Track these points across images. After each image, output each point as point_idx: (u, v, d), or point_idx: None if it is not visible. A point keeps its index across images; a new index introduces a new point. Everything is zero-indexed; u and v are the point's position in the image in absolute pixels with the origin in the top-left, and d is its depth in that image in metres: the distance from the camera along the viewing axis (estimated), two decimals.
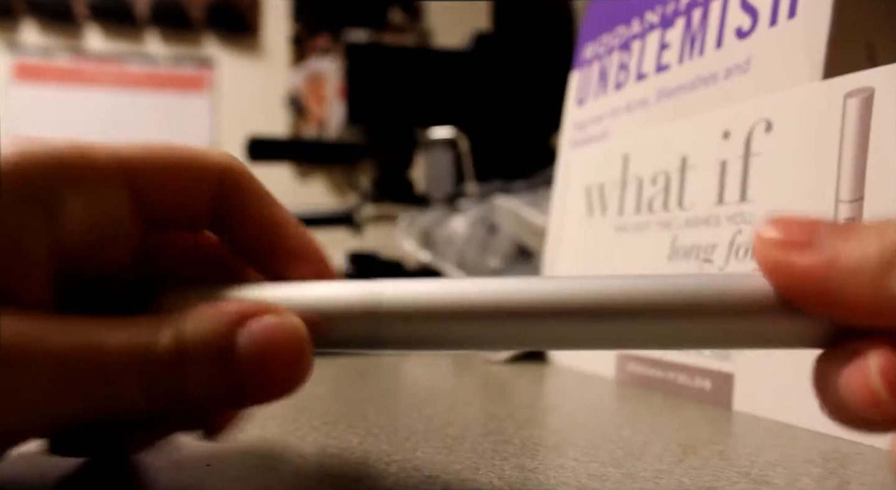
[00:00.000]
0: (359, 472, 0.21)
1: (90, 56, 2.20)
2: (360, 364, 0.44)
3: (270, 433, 0.26)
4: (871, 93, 0.26)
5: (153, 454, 0.23)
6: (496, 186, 0.72)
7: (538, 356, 0.46)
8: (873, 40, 0.30)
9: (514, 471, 0.22)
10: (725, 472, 0.22)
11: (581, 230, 0.43)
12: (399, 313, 0.17)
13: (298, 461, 0.22)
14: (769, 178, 0.30)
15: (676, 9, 0.39)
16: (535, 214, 0.58)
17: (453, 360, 0.46)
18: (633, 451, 0.24)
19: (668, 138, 0.36)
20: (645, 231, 0.37)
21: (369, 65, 0.89)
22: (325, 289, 0.18)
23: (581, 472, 0.22)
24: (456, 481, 0.20)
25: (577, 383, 0.38)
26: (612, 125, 0.43)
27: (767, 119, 0.31)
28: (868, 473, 0.22)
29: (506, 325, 0.17)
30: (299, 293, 0.18)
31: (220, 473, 0.21)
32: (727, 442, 0.25)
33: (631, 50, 0.42)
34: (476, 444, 0.25)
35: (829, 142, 0.27)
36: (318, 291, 0.18)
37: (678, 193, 0.35)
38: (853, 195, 0.26)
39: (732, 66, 0.34)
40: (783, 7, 0.32)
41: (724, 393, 0.31)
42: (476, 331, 0.17)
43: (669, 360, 0.34)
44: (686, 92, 0.37)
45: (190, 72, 2.25)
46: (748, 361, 0.30)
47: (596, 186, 0.42)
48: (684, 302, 0.16)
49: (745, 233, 0.31)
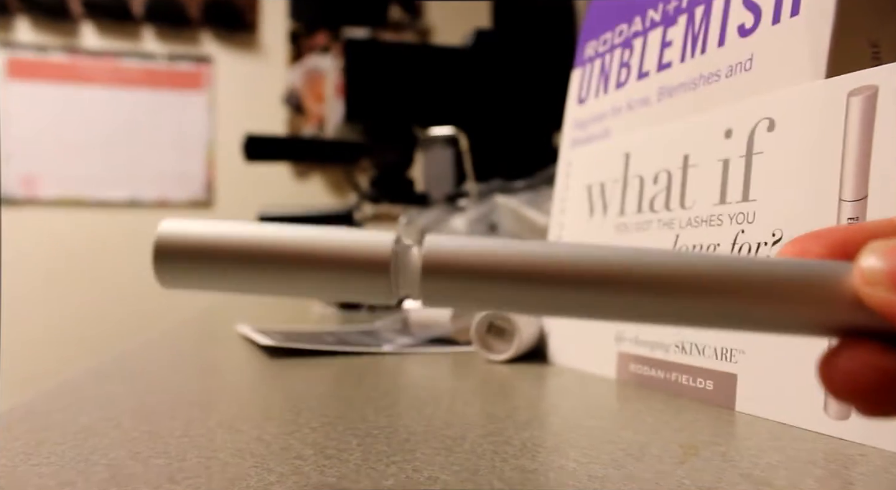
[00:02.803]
0: (357, 474, 0.21)
1: (85, 53, 2.19)
2: (359, 364, 0.43)
3: (268, 434, 0.26)
4: (875, 91, 0.26)
5: (149, 452, 0.22)
6: (496, 186, 0.72)
7: (539, 356, 0.45)
8: (878, 38, 0.29)
9: (514, 472, 0.21)
10: (727, 473, 0.22)
11: (582, 229, 0.43)
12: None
13: (296, 462, 0.22)
14: (772, 178, 0.30)
15: (679, 6, 0.38)
16: (536, 214, 0.58)
17: (453, 359, 0.46)
18: (634, 453, 0.24)
19: (670, 137, 0.36)
20: (646, 230, 0.37)
21: (368, 62, 0.88)
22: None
23: (581, 474, 0.21)
24: (455, 483, 0.20)
25: (578, 384, 0.37)
26: (613, 124, 0.43)
27: (770, 118, 0.30)
28: (871, 475, 0.21)
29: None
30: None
31: (217, 475, 0.21)
32: (729, 443, 0.25)
33: (633, 48, 0.42)
34: (476, 445, 0.24)
35: (833, 141, 0.27)
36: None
37: (680, 193, 0.35)
38: (856, 195, 0.26)
39: (735, 64, 0.34)
40: (786, 4, 0.31)
41: (726, 394, 0.31)
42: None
43: (672, 361, 0.34)
44: (688, 90, 0.37)
45: (187, 69, 2.25)
46: (751, 362, 0.30)
47: (597, 185, 0.42)
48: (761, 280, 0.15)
49: (747, 232, 0.31)
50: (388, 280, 0.16)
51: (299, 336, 0.54)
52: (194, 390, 0.34)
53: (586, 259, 0.15)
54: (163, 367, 0.42)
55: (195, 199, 2.24)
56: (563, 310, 0.16)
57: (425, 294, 0.16)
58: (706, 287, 0.15)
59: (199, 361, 0.47)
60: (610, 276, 0.15)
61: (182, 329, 0.65)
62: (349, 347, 0.49)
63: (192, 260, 0.16)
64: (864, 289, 0.14)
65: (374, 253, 0.15)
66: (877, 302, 0.14)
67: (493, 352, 0.45)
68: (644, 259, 0.15)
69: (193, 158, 2.25)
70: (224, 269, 0.16)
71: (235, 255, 0.16)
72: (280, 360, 0.44)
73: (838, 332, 0.15)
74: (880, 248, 0.15)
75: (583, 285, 0.15)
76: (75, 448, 0.23)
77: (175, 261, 0.16)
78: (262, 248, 0.16)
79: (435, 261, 0.15)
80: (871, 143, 0.26)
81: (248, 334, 0.54)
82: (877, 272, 0.14)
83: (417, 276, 0.15)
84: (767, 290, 0.15)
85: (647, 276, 0.15)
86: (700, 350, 0.32)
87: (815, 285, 0.15)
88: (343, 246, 0.16)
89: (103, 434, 0.25)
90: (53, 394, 0.32)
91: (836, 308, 0.15)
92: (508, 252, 0.15)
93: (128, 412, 0.29)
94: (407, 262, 0.16)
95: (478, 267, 0.15)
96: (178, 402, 0.31)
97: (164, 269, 0.16)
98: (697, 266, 0.15)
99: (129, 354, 0.47)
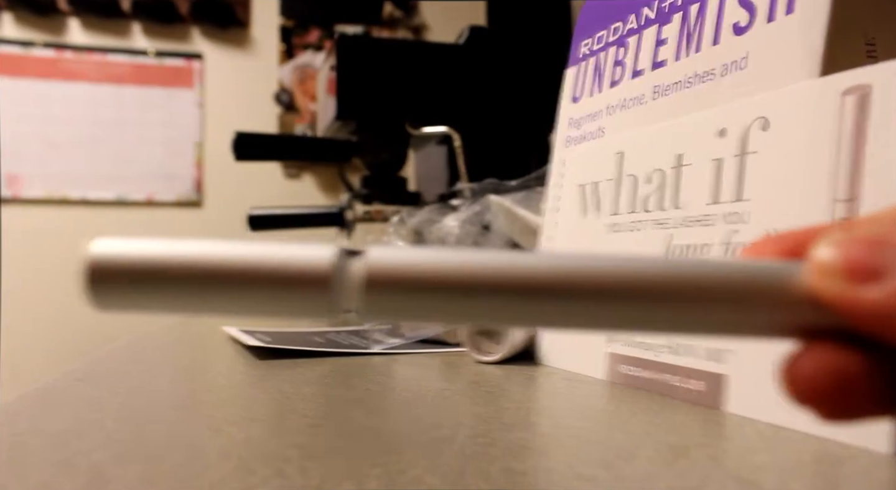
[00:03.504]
0: (341, 476, 0.21)
1: (72, 49, 2.16)
2: (348, 365, 0.43)
3: (253, 436, 0.25)
4: (869, 90, 0.26)
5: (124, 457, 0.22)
6: (490, 185, 0.71)
7: (528, 357, 0.45)
8: (874, 36, 0.29)
9: (500, 474, 0.21)
10: (715, 474, 0.21)
11: (575, 229, 0.43)
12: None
13: (279, 464, 0.22)
14: (765, 177, 0.30)
15: (674, 4, 0.38)
16: (529, 213, 0.58)
17: (443, 360, 0.46)
18: (623, 454, 0.23)
19: (664, 136, 0.36)
20: (639, 230, 0.37)
21: (360, 58, 0.88)
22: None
23: (569, 475, 0.21)
24: (441, 484, 0.20)
25: (568, 385, 0.37)
26: (607, 122, 0.42)
27: (764, 117, 0.30)
28: (857, 476, 0.21)
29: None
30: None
31: (200, 477, 0.20)
32: (718, 445, 0.25)
33: (627, 46, 0.42)
34: (463, 446, 0.24)
35: (827, 140, 0.27)
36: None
37: (673, 192, 0.35)
38: (850, 194, 0.26)
39: (729, 62, 0.33)
40: (781, 2, 0.31)
41: (716, 395, 0.30)
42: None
43: (662, 362, 0.34)
44: (682, 89, 0.36)
45: (177, 66, 2.23)
46: (742, 363, 0.30)
47: (590, 184, 0.41)
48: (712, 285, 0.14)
49: (740, 232, 0.30)
50: (329, 295, 0.15)
51: (287, 337, 0.53)
52: (179, 392, 0.34)
53: (531, 268, 0.15)
54: (148, 369, 0.42)
55: (184, 199, 2.22)
56: (511, 320, 0.15)
57: (369, 309, 0.15)
58: (654, 293, 0.15)
59: (186, 363, 0.46)
60: (556, 285, 0.15)
61: (169, 330, 0.64)
62: (337, 348, 0.49)
63: (126, 281, 0.15)
64: (819, 282, 0.14)
65: (313, 267, 0.15)
66: (832, 295, 0.14)
67: (483, 353, 0.45)
68: (591, 266, 0.15)
69: (183, 157, 2.23)
70: (159, 290, 0.15)
71: (170, 275, 0.15)
72: (267, 361, 0.44)
73: (797, 334, 0.14)
74: (835, 239, 0.14)
75: (528, 295, 0.15)
76: (57, 450, 0.23)
77: (107, 283, 0.15)
78: (196, 267, 0.15)
79: (379, 274, 0.15)
80: (865, 142, 0.26)
81: (236, 335, 0.53)
82: (831, 263, 0.14)
83: (360, 290, 0.15)
84: (719, 293, 0.14)
85: (593, 283, 0.15)
86: (690, 351, 0.32)
87: (769, 285, 0.14)
88: (280, 261, 0.15)
89: (86, 436, 0.25)
90: (36, 395, 0.32)
91: (792, 308, 0.14)
92: (454, 263, 0.15)
93: (111, 414, 0.28)
94: (349, 275, 0.15)
95: (423, 279, 0.15)
96: (162, 403, 0.31)
97: (96, 292, 0.15)
98: (644, 272, 0.15)
99: (115, 356, 0.46)
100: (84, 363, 0.41)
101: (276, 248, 0.15)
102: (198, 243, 0.15)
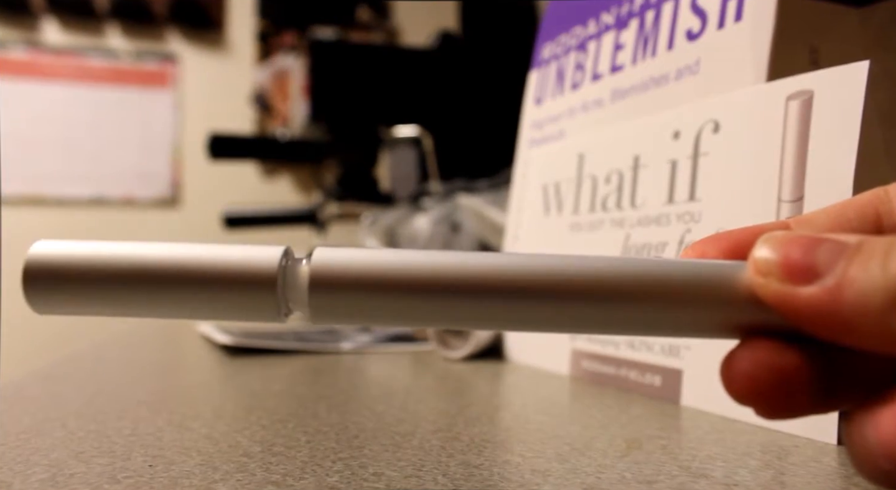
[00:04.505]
0: (303, 471, 0.21)
1: (47, 49, 2.14)
2: (318, 362, 0.43)
3: (217, 432, 0.26)
4: (811, 96, 0.27)
5: (94, 456, 0.22)
6: (459, 185, 0.72)
7: (495, 354, 0.46)
8: (817, 44, 0.30)
9: (458, 467, 0.22)
10: (667, 465, 0.22)
11: (538, 228, 0.44)
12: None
13: (242, 460, 0.22)
14: (716, 178, 0.31)
15: (631, 10, 0.39)
16: (497, 213, 0.59)
17: (412, 357, 0.46)
18: (579, 447, 0.24)
19: (622, 138, 0.37)
20: (599, 229, 0.38)
21: (333, 62, 0.88)
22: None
23: (525, 468, 0.22)
24: (399, 478, 0.20)
25: (532, 380, 0.38)
26: (568, 125, 0.43)
27: (715, 120, 0.31)
28: (802, 465, 0.22)
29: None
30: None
31: (161, 473, 0.21)
32: (671, 436, 0.26)
33: (587, 50, 0.43)
34: (424, 441, 0.25)
35: (772, 143, 0.28)
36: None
37: (631, 192, 0.36)
38: (794, 195, 0.27)
39: (683, 67, 0.35)
40: (730, 10, 0.32)
41: (673, 389, 0.31)
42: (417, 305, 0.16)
43: (622, 357, 0.35)
44: (639, 92, 0.37)
45: (153, 67, 2.21)
46: (696, 358, 0.31)
47: (552, 185, 0.42)
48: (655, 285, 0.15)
49: (693, 231, 0.31)
50: (275, 297, 0.15)
51: (259, 334, 0.53)
52: (147, 390, 0.34)
53: (474, 268, 0.15)
54: (117, 367, 0.42)
55: (161, 198, 2.21)
56: (454, 321, 0.15)
57: (314, 311, 0.15)
58: (595, 292, 0.15)
59: (156, 360, 0.46)
60: (500, 285, 0.15)
61: (141, 327, 0.64)
62: (308, 346, 0.49)
63: (67, 283, 0.15)
64: (758, 281, 0.14)
65: (260, 269, 0.15)
66: (770, 294, 0.14)
67: (450, 349, 0.46)
68: (533, 265, 0.15)
69: (159, 157, 2.21)
70: (102, 292, 0.15)
71: (113, 277, 0.15)
72: (238, 358, 0.44)
73: (738, 332, 0.15)
74: (773, 239, 0.14)
75: (470, 295, 0.15)
76: (15, 449, 0.23)
77: (48, 285, 0.15)
78: (140, 269, 0.15)
79: (323, 275, 0.15)
80: (808, 145, 0.27)
81: (208, 333, 0.53)
82: (769, 262, 0.14)
83: (305, 292, 0.15)
84: (661, 293, 0.15)
85: (535, 282, 0.15)
86: (648, 346, 0.33)
87: (711, 284, 0.15)
88: (226, 263, 0.15)
89: (46, 434, 0.25)
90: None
91: (732, 306, 0.14)
92: (398, 264, 0.15)
93: (74, 412, 0.29)
94: (295, 277, 0.15)
95: (368, 280, 0.15)
96: (128, 401, 0.31)
97: (36, 294, 0.15)
98: (586, 272, 0.15)
99: (83, 354, 0.46)
100: (50, 362, 0.41)
101: (223, 250, 0.15)
102: (143, 246, 0.15)
